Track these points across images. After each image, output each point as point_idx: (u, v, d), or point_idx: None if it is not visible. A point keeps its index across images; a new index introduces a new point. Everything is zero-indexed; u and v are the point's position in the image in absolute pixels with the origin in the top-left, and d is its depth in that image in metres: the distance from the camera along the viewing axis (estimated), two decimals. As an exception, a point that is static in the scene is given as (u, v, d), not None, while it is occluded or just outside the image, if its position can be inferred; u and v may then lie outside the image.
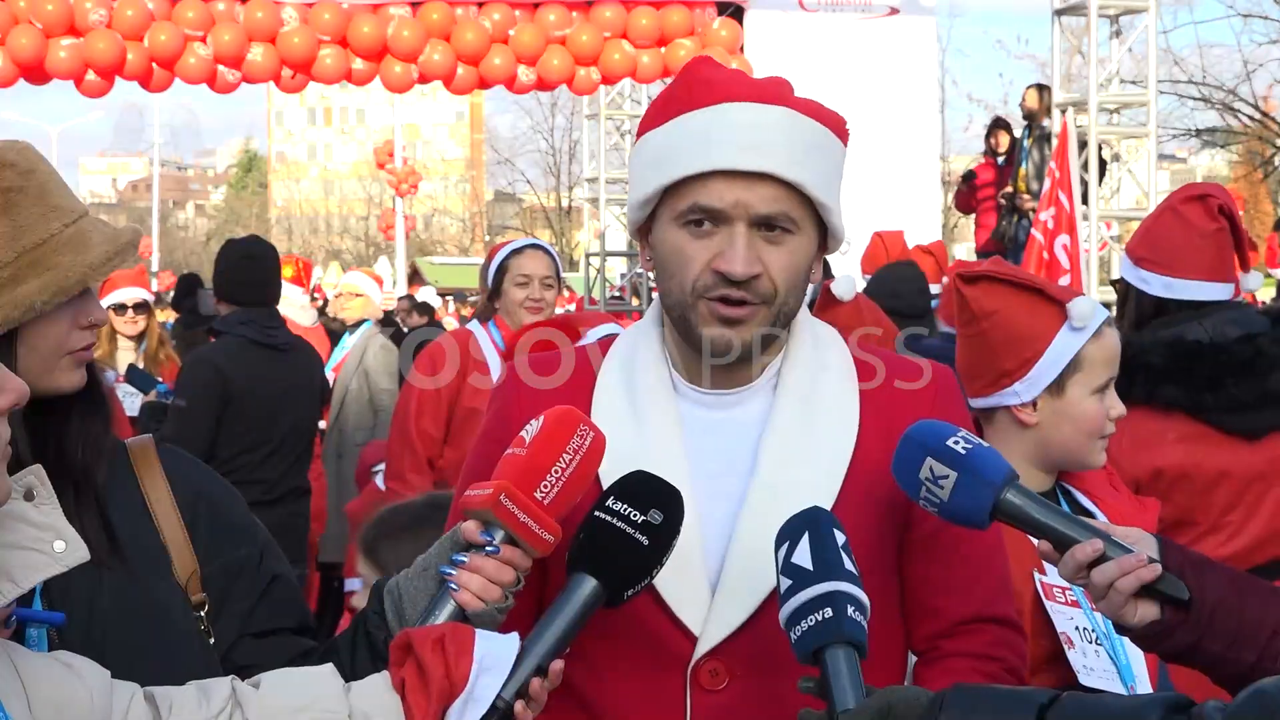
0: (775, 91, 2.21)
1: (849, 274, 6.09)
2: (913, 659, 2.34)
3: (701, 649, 2.17)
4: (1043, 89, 13.63)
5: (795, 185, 2.15)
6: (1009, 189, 13.15)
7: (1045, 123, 13.20)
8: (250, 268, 6.54)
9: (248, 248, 6.72)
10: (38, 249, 2.08)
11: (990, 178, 13.89)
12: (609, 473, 2.15)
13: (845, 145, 2.26)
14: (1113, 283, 6.49)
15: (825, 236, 2.25)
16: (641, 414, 2.25)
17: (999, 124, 14.42)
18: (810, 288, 2.33)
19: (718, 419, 2.26)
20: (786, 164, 2.14)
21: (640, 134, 2.29)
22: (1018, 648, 2.30)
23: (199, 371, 6.41)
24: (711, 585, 2.18)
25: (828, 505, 2.17)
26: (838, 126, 2.24)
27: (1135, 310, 3.79)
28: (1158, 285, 3.74)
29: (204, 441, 6.15)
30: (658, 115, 2.25)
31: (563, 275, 5.92)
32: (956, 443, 2.07)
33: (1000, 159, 13.74)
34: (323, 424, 7.97)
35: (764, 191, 2.14)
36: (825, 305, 5.38)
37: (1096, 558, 2.04)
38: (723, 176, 2.14)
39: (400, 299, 19.54)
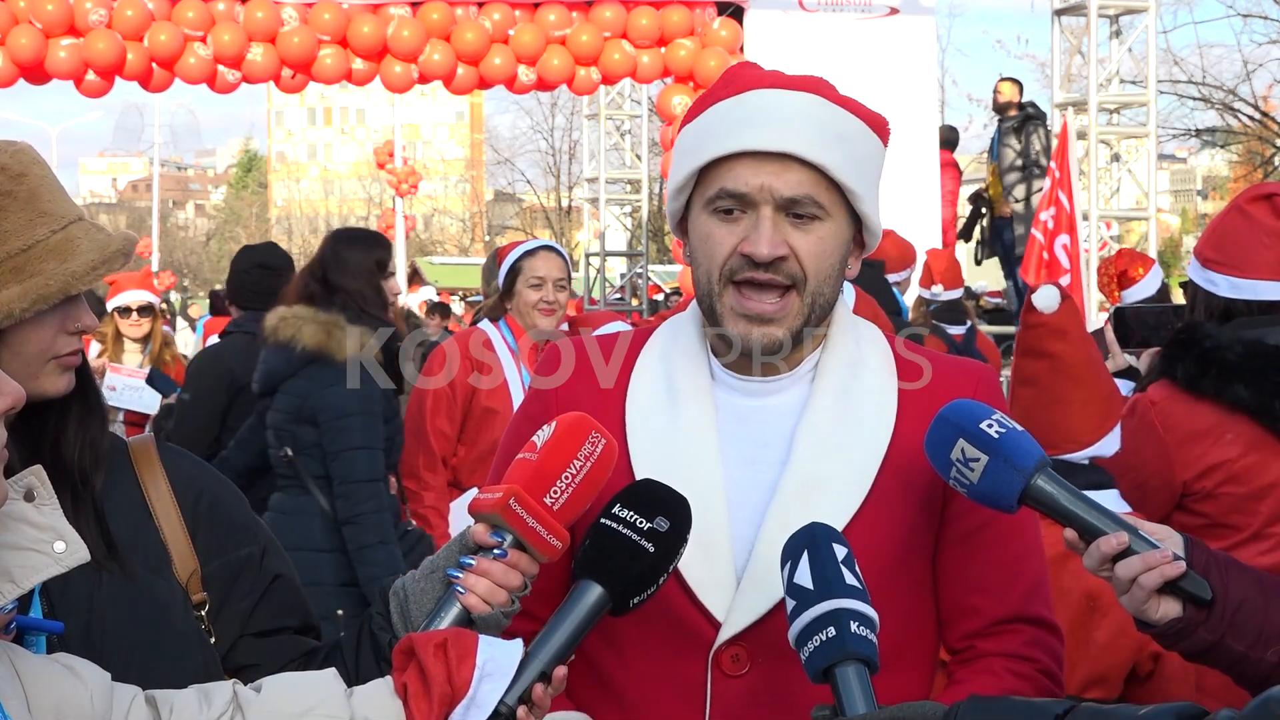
0: (808, 83, 2.23)
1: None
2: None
3: (724, 635, 2.17)
4: (1017, 82, 14.18)
5: (821, 169, 2.16)
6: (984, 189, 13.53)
7: (1015, 114, 13.47)
8: (264, 277, 6.57)
9: (263, 258, 6.76)
10: (21, 255, 2.06)
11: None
12: (643, 456, 2.17)
13: (885, 145, 2.26)
14: (1182, 285, 6.50)
15: (861, 230, 2.26)
16: (677, 399, 2.26)
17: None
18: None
19: (754, 406, 2.26)
20: (810, 146, 2.15)
21: (680, 130, 2.31)
22: (1053, 649, 2.28)
23: (206, 367, 6.55)
24: (738, 571, 2.18)
25: (859, 499, 2.19)
26: (877, 124, 2.25)
27: (1205, 313, 3.70)
28: (1224, 286, 3.64)
29: (207, 435, 6.24)
30: (696, 110, 2.28)
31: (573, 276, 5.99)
32: (990, 426, 2.06)
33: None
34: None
35: (790, 176, 2.15)
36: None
37: (1122, 551, 2.03)
38: (749, 161, 2.16)
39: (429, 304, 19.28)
